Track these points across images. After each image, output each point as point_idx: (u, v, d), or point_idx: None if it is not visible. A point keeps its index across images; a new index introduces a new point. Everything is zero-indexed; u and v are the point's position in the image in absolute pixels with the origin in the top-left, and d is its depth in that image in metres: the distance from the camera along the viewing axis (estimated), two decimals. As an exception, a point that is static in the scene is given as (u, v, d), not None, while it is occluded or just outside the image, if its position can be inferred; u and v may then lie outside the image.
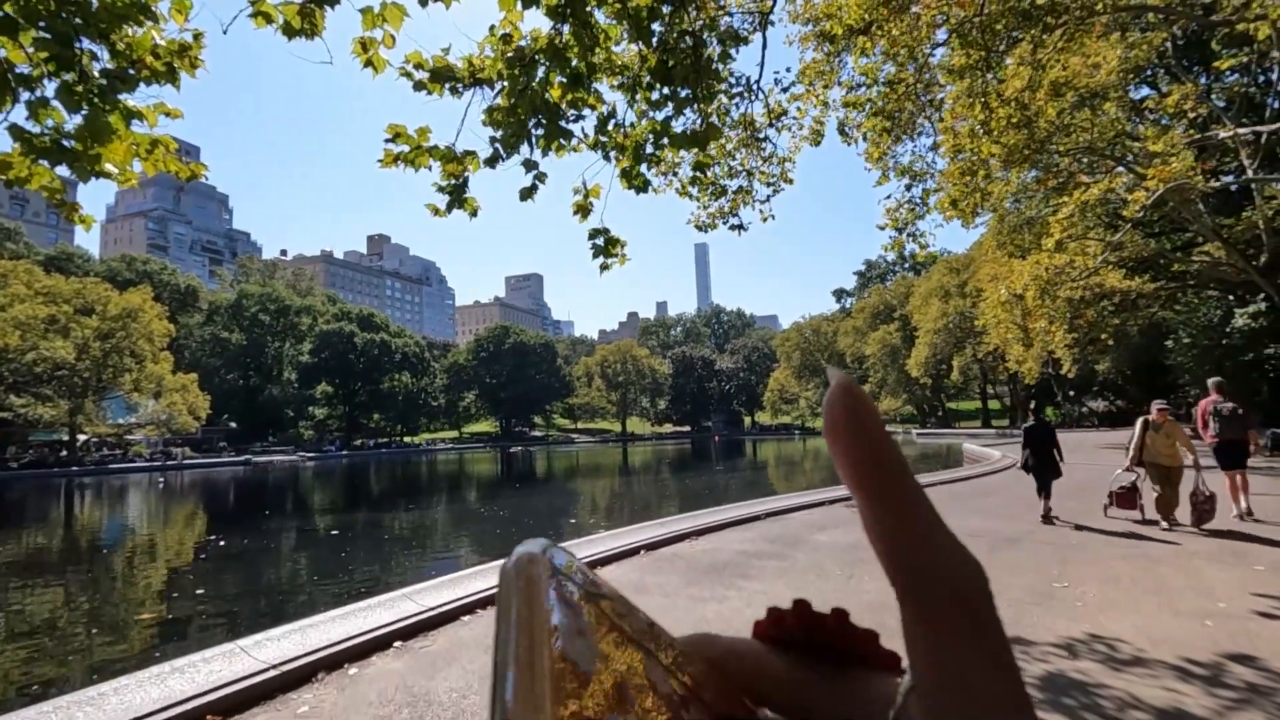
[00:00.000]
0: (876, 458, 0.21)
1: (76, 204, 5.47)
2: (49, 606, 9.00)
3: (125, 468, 46.16)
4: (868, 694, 0.22)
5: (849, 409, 0.21)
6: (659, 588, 5.77)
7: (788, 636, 0.25)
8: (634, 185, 6.05)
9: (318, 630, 4.23)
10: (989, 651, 0.19)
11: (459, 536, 14.88)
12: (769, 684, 0.23)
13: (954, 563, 0.20)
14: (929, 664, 0.19)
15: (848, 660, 0.24)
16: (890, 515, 0.21)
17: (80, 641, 7.33)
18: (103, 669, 6.31)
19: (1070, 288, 19.35)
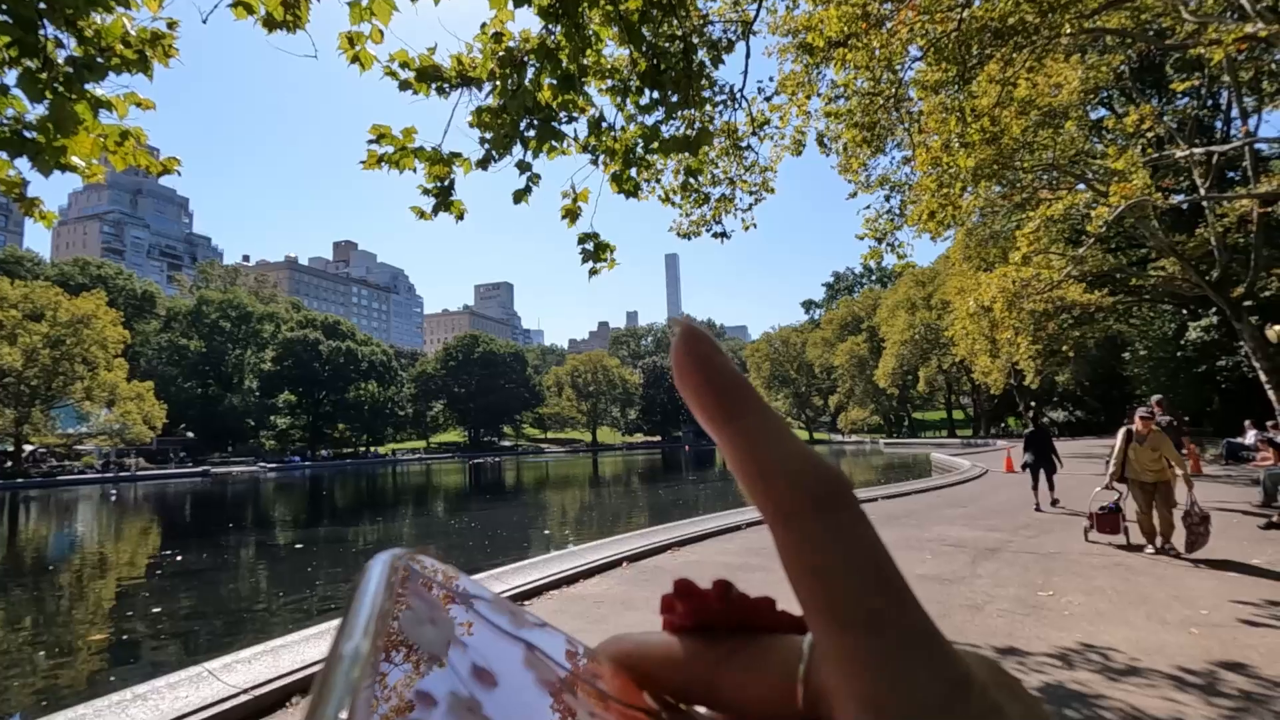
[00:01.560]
0: (722, 383, 0.20)
1: (37, 199, 5.17)
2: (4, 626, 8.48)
3: (75, 479, 44.33)
4: (775, 658, 0.21)
5: (692, 351, 0.21)
6: (645, 602, 5.63)
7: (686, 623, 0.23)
8: (624, 190, 5.98)
9: (290, 651, 4.00)
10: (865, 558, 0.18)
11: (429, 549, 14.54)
12: (680, 674, 0.22)
13: (812, 469, 0.19)
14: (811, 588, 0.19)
15: (753, 632, 0.23)
16: (743, 437, 0.20)
17: (25, 666, 6.89)
18: (51, 695, 5.93)
19: (1034, 300, 19.84)
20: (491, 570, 6.22)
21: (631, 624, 4.98)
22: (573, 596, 5.87)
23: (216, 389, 72.05)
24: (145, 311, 69.30)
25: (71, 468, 48.23)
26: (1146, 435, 7.22)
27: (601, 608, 5.48)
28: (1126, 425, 7.56)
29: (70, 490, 39.15)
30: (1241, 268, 21.86)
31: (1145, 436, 7.23)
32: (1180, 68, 24.41)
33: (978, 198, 15.96)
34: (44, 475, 44.75)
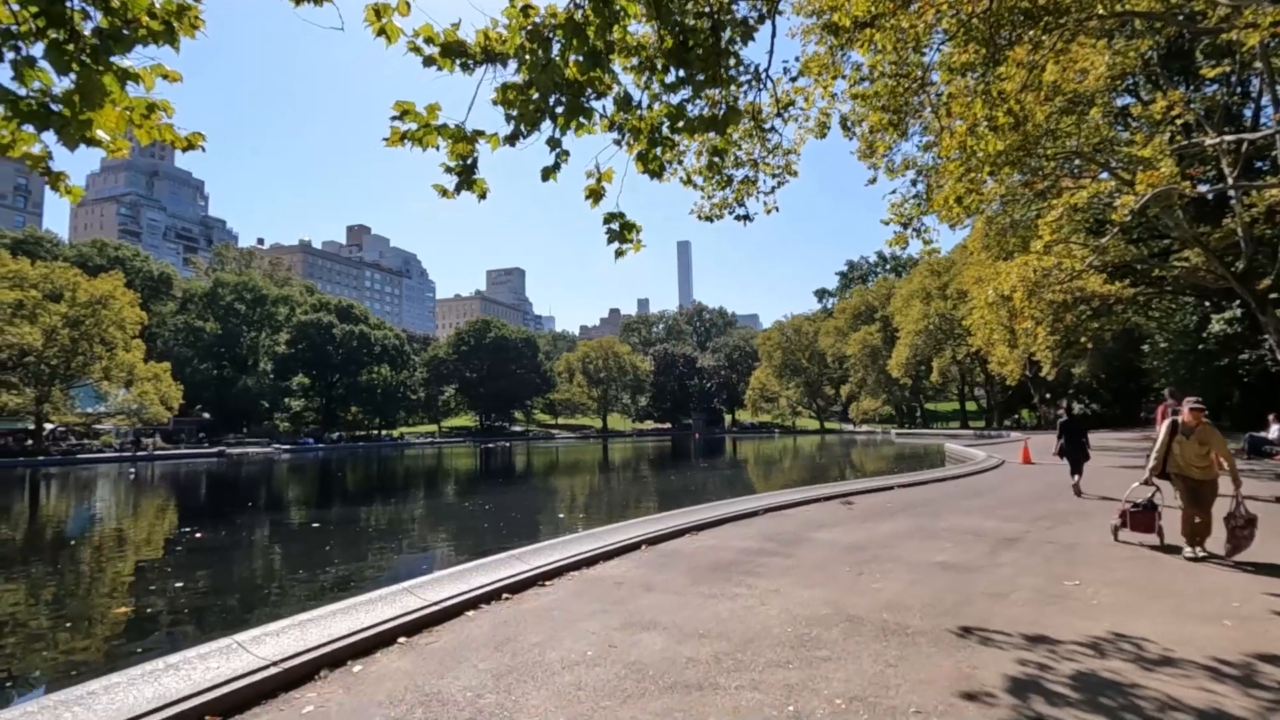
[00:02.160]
0: None
1: (63, 174, 5.18)
2: (17, 601, 8.62)
3: (94, 458, 44.97)
4: None
5: None
6: (665, 585, 5.62)
7: None
8: (649, 169, 5.90)
9: (317, 626, 4.02)
10: None
11: (444, 531, 14.61)
12: None
13: None
14: None
15: None
16: None
17: (56, 637, 7.00)
18: (80, 667, 6.02)
19: (1054, 291, 19.56)
20: (513, 550, 6.22)
21: (649, 606, 4.98)
22: (592, 579, 5.86)
23: (231, 371, 72.71)
24: (162, 293, 69.91)
25: (90, 446, 48.91)
26: (1194, 428, 6.56)
27: (621, 589, 5.47)
28: (1172, 416, 6.91)
29: (89, 468, 39.73)
30: (1268, 260, 21.43)
31: (1193, 429, 6.56)
32: (1210, 54, 23.78)
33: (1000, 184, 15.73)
34: (64, 453, 45.42)
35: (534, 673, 3.69)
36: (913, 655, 3.94)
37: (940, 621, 4.58)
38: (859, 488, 12.07)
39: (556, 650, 4.04)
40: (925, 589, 5.44)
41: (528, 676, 3.63)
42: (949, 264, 62.04)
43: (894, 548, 7.10)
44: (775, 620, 4.62)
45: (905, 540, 7.52)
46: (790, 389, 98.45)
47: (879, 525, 8.57)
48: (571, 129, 5.16)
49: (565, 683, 3.55)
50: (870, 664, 3.80)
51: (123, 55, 4.49)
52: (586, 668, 3.75)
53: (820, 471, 29.27)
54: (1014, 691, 3.40)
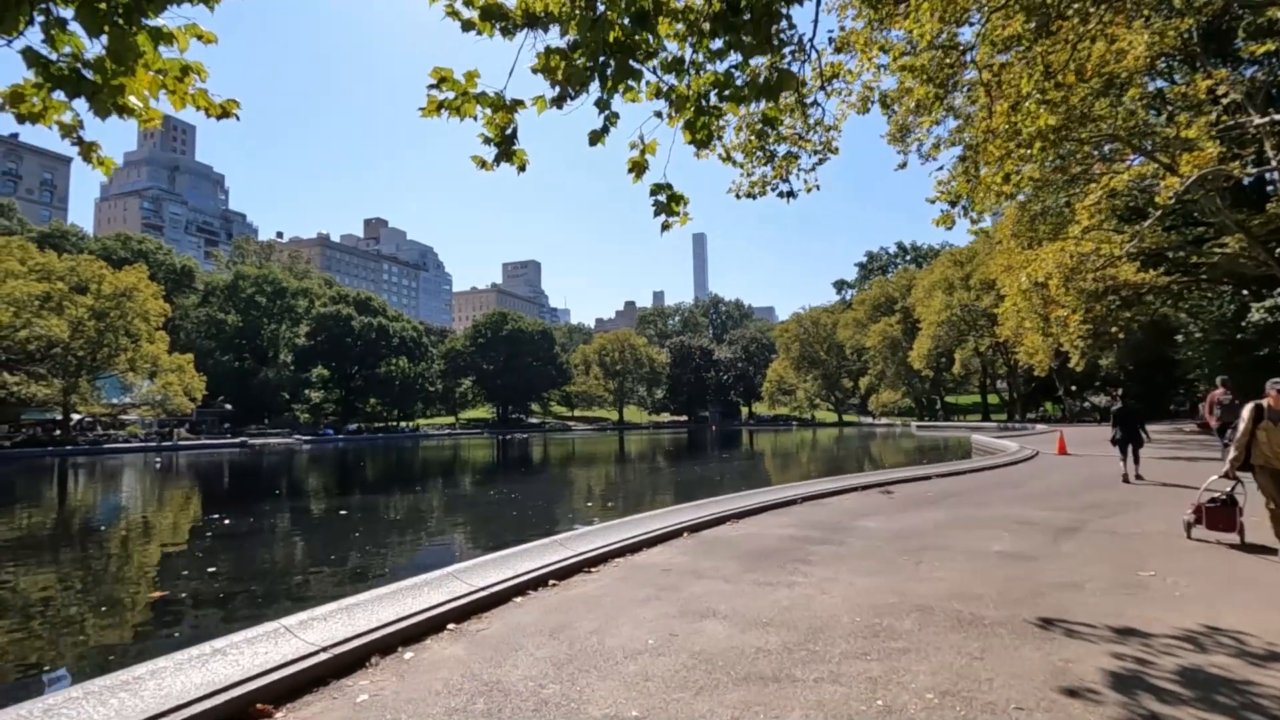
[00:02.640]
0: None
1: (95, 144, 5.01)
2: (52, 586, 8.59)
3: (120, 448, 45.60)
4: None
5: None
6: (715, 571, 5.39)
7: None
8: (696, 139, 5.63)
9: (365, 611, 3.84)
10: None
11: (472, 519, 14.49)
12: None
13: None
14: None
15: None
16: None
17: (88, 623, 6.92)
18: (115, 651, 5.92)
19: (1089, 278, 18.99)
20: (556, 536, 6.02)
21: (702, 593, 4.75)
22: (638, 565, 5.65)
23: (252, 362, 73.42)
24: (184, 286, 70.64)
25: (117, 436, 49.64)
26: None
27: (669, 575, 5.26)
28: (1255, 400, 6.11)
29: (115, 458, 40.27)
30: (1314, 245, 20.70)
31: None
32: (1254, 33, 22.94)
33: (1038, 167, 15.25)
34: (91, 443, 46.12)
35: (596, 662, 3.47)
36: (997, 647, 3.68)
37: (1016, 612, 4.31)
38: (896, 477, 11.78)
39: (615, 638, 3.82)
40: (990, 578, 5.17)
41: (590, 666, 3.42)
42: (972, 254, 61.12)
43: (945, 536, 6.82)
44: (840, 609, 4.38)
45: (955, 529, 7.24)
46: (808, 381, 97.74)
47: (923, 514, 8.28)
48: (619, 91, 4.92)
49: (631, 673, 3.33)
50: (953, 656, 3.55)
51: (156, 15, 4.30)
52: (651, 657, 3.54)
53: (845, 464, 28.91)
54: (1117, 687, 3.14)
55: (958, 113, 9.64)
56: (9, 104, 4.70)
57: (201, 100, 4.75)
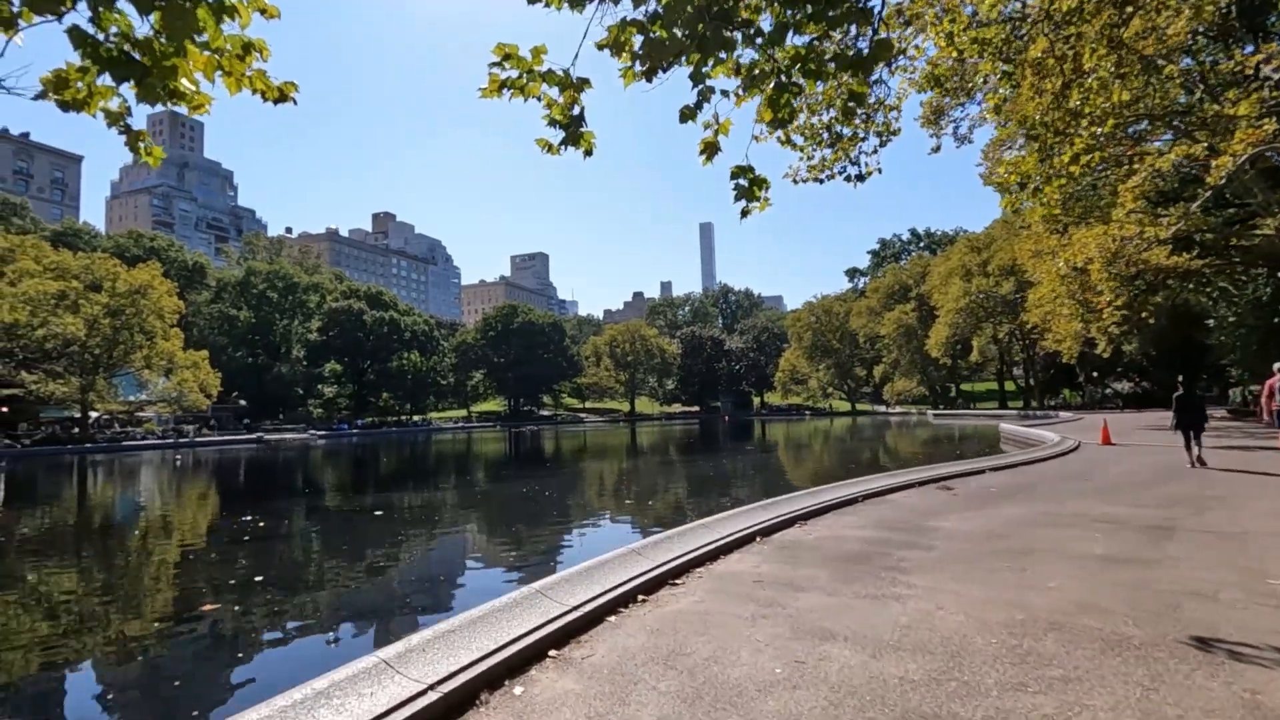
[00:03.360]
0: None
1: (143, 132, 4.64)
2: (96, 597, 8.32)
3: (139, 445, 45.72)
4: None
5: None
6: (809, 582, 5.03)
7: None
8: (779, 117, 5.25)
9: (461, 638, 3.50)
10: None
11: (517, 518, 14.16)
12: None
13: None
14: None
15: None
16: None
17: (147, 641, 6.64)
18: (179, 678, 5.63)
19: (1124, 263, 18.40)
20: (631, 545, 5.66)
21: (807, 609, 4.39)
22: (723, 575, 5.30)
23: (265, 358, 73.57)
24: (196, 282, 70.72)
25: (134, 433, 49.76)
26: None
27: (763, 588, 4.90)
28: None
29: (134, 455, 40.33)
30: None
31: None
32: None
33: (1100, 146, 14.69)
34: (109, 440, 46.25)
35: (728, 698, 3.12)
36: (1165, 675, 3.30)
37: (1161, 630, 3.93)
38: (951, 471, 11.37)
39: (738, 667, 3.47)
40: (1109, 588, 4.78)
41: (725, 703, 3.06)
42: (989, 240, 60.31)
43: (1035, 537, 6.43)
44: (968, 627, 4.00)
45: (1041, 529, 6.85)
46: (821, 370, 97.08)
47: (998, 511, 7.89)
48: (709, 64, 4.54)
49: (772, 712, 2.98)
50: (1124, 687, 3.17)
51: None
52: (787, 691, 3.18)
53: (875, 455, 28.50)
54: (1336, 726, 2.76)
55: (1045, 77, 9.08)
56: (53, 90, 4.33)
57: (259, 82, 4.38)
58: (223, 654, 6.03)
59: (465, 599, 6.96)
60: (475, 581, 8.24)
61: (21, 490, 22.58)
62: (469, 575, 8.82)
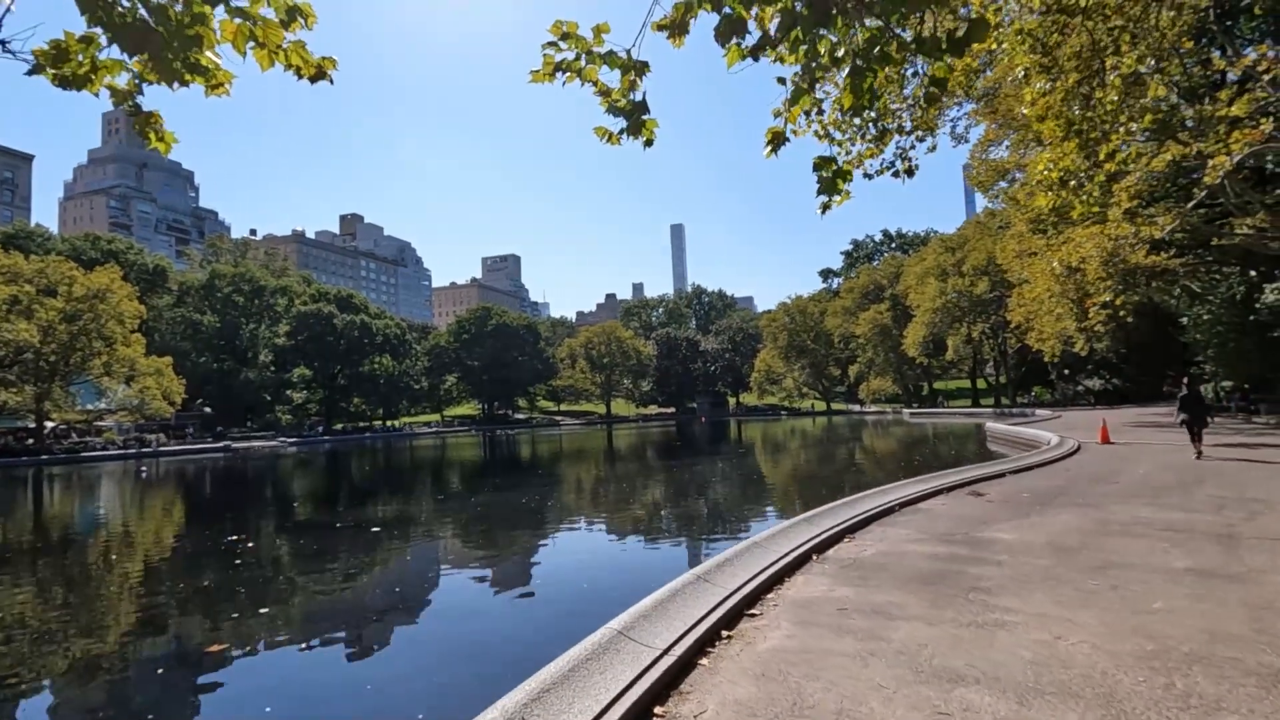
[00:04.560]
0: None
1: (155, 114, 4.07)
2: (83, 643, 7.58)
3: (99, 455, 43.76)
4: None
5: None
6: (896, 609, 4.62)
7: None
8: (861, 102, 4.81)
9: (542, 707, 3.00)
10: None
11: (521, 533, 13.55)
12: None
13: None
14: None
15: None
16: None
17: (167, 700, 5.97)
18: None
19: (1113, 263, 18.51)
20: (695, 570, 5.18)
21: (912, 643, 3.98)
22: (800, 602, 4.86)
23: (232, 363, 71.21)
24: (157, 286, 68.16)
25: (93, 444, 47.63)
26: None
27: (850, 617, 4.47)
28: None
29: (94, 466, 38.55)
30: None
31: None
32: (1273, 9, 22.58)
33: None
34: (67, 451, 44.15)
35: (890, 766, 2.67)
36: (1357, 719, 2.95)
37: (1310, 659, 3.60)
38: (974, 475, 11.12)
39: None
40: (1219, 608, 4.46)
41: (890, 774, 2.62)
42: (963, 240, 61.17)
43: (1105, 549, 6.12)
44: (1103, 663, 3.62)
45: (1106, 538, 6.55)
46: (796, 370, 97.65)
47: (1043, 520, 7.60)
48: (806, 42, 4.12)
49: (951, 784, 2.54)
50: (1324, 737, 2.81)
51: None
52: (953, 755, 2.75)
53: (867, 457, 28.43)
54: None
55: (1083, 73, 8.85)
56: (50, 64, 3.71)
57: (296, 55, 3.83)
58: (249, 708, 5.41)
59: (533, 642, 6.25)
60: (527, 619, 7.32)
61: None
62: (514, 610, 7.85)
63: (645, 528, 12.96)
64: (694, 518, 14.05)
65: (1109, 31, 7.45)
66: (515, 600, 8.06)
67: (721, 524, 12.96)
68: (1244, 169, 22.16)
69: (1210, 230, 25.20)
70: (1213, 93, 18.81)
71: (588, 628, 4.22)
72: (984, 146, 24.34)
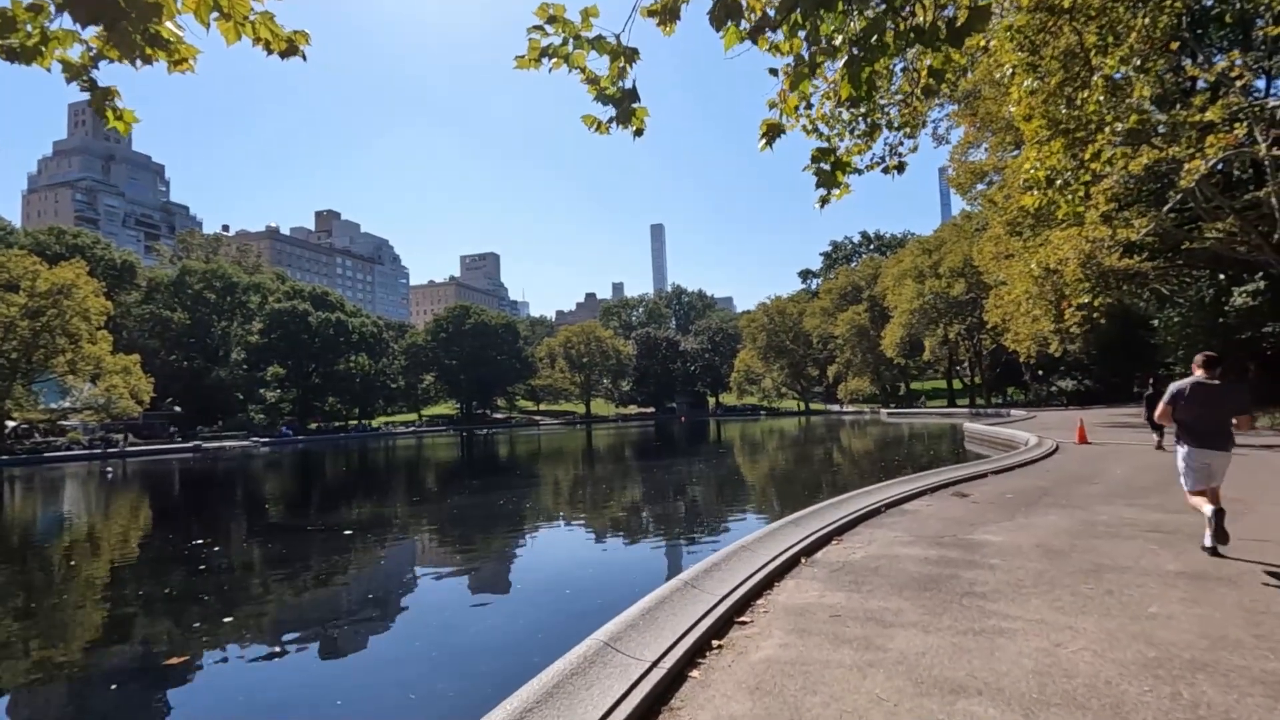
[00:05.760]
0: None
1: (112, 89, 3.79)
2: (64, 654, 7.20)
3: (62, 456, 42.50)
4: None
5: None
6: (891, 616, 4.48)
7: None
8: (858, 94, 4.68)
9: (545, 713, 2.80)
10: None
11: (503, 537, 13.28)
12: None
13: None
14: None
15: None
16: None
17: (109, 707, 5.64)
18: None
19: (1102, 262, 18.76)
20: (681, 576, 4.99)
21: (910, 652, 3.84)
22: (790, 609, 4.70)
23: (202, 362, 69.71)
24: (125, 282, 66.43)
25: (56, 444, 46.23)
26: None
27: (844, 624, 4.32)
28: None
29: (56, 468, 37.40)
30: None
31: None
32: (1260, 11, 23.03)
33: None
34: (28, 452, 42.80)
35: (899, 789, 2.51)
36: (1371, 729, 2.86)
37: (1314, 666, 3.51)
38: (955, 476, 11.09)
39: (882, 740, 2.87)
40: (1216, 612, 4.38)
41: (899, 799, 2.46)
42: (939, 242, 61.82)
43: (1094, 553, 6.05)
44: (1107, 671, 3.50)
45: (1093, 542, 6.49)
46: (775, 371, 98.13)
47: (1032, 521, 7.55)
48: (804, 29, 3.97)
49: (964, 808, 2.38)
50: (1341, 750, 2.70)
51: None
52: (964, 776, 2.59)
53: (848, 456, 28.52)
54: None
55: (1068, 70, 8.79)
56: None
57: (264, 28, 3.59)
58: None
59: (515, 652, 6.02)
60: (507, 628, 6.95)
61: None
62: (493, 618, 7.59)
63: (626, 529, 12.78)
64: (675, 519, 13.89)
65: (1096, 31, 7.43)
66: (494, 608, 7.82)
67: (703, 525, 12.82)
68: (1215, 174, 22.65)
69: (1181, 234, 25.67)
70: (1184, 99, 19.17)
71: (571, 637, 4.03)
72: (963, 149, 24.54)
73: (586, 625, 4.56)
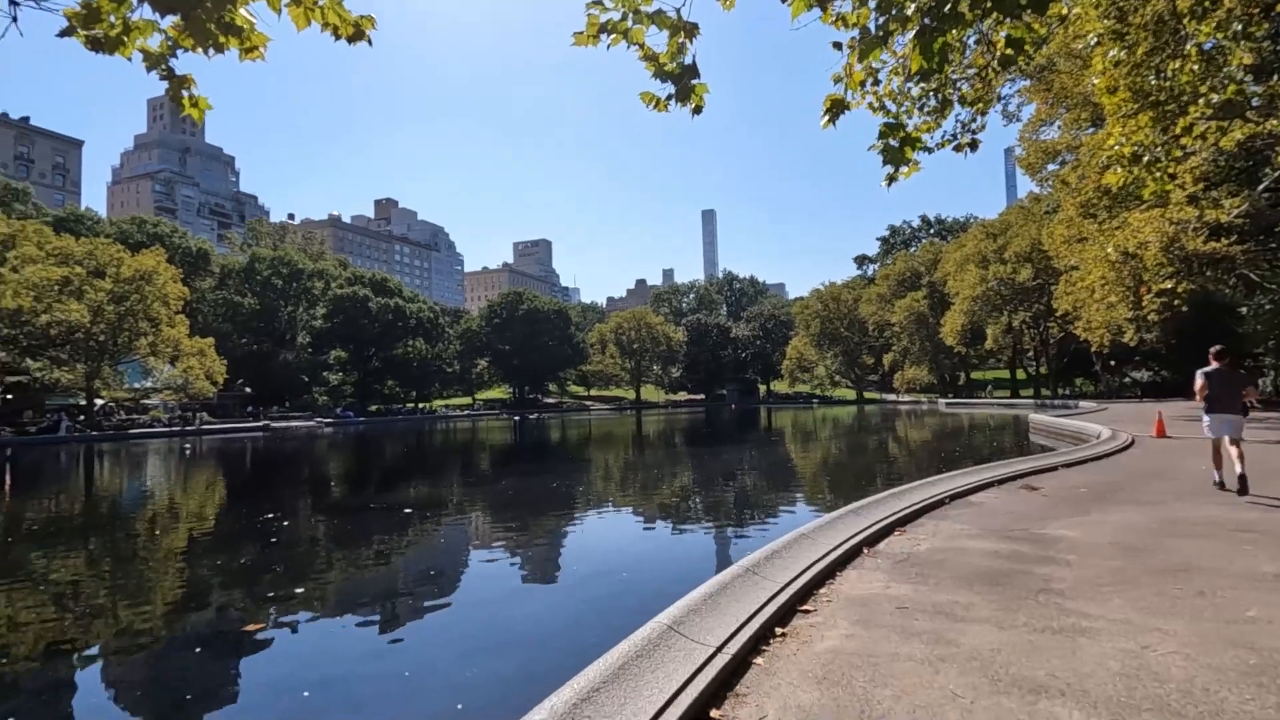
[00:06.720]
0: None
1: (188, 78, 3.89)
2: (140, 633, 7.65)
3: (146, 433, 45.15)
4: None
5: None
6: (961, 610, 4.33)
7: None
8: (930, 65, 4.47)
9: (603, 703, 2.80)
10: None
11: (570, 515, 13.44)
12: None
13: None
14: None
15: None
16: None
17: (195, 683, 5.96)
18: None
19: (1185, 246, 17.60)
20: (741, 562, 4.95)
21: (984, 649, 3.69)
22: (854, 600, 4.59)
23: (270, 345, 72.90)
24: (200, 269, 69.89)
25: (140, 421, 49.19)
26: None
27: (912, 617, 4.20)
28: None
29: (140, 444, 39.77)
30: None
31: None
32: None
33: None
34: (115, 428, 45.68)
35: (979, 789, 2.41)
36: None
37: None
38: (1026, 468, 10.67)
39: (959, 738, 2.77)
40: (1322, 619, 4.08)
41: (980, 799, 2.36)
42: (1005, 226, 59.37)
43: (1179, 551, 5.72)
44: (1202, 676, 3.29)
45: (1177, 540, 6.13)
46: (828, 358, 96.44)
47: (1106, 517, 7.19)
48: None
49: (1050, 813, 2.27)
50: None
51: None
52: (1049, 779, 2.47)
53: (904, 446, 27.84)
54: None
55: (1135, 51, 8.29)
56: (80, 25, 3.55)
57: (333, 13, 3.62)
58: (295, 696, 5.36)
59: (573, 634, 6.05)
60: (564, 609, 7.04)
61: (36, 479, 21.97)
62: (551, 599, 7.60)
63: (680, 515, 12.77)
64: (729, 506, 13.81)
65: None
66: (551, 588, 7.93)
67: (756, 514, 12.69)
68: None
69: (1275, 216, 23.91)
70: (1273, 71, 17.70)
71: (629, 619, 4.04)
72: (1034, 126, 23.38)
73: (644, 607, 4.57)
